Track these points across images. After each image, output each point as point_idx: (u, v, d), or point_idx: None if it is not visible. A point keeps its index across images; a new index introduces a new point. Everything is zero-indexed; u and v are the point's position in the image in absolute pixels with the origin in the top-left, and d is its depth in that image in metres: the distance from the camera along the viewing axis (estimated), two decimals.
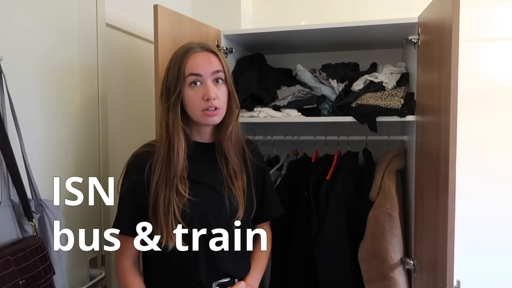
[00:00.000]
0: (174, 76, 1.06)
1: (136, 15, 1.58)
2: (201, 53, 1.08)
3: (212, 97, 1.04)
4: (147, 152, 1.09)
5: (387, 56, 1.79)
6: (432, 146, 1.21)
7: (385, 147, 1.65)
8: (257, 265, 1.24)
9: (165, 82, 1.09)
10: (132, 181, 1.07)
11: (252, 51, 1.84)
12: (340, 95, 1.57)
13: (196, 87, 1.06)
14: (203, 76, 1.06)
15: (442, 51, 1.12)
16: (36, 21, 1.11)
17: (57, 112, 1.19)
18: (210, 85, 1.06)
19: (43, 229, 1.02)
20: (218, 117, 1.08)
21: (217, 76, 1.08)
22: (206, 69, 1.06)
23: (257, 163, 1.24)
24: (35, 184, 1.03)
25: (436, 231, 1.15)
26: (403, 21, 1.41)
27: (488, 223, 1.85)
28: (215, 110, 1.06)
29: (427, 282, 1.27)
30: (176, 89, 1.05)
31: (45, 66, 1.14)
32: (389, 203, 1.39)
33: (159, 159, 1.06)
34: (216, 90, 1.07)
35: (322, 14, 2.00)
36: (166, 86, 1.08)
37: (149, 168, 1.06)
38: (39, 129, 1.13)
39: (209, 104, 1.05)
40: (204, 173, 1.13)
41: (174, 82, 1.06)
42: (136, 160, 1.09)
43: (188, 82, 1.05)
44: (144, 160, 1.07)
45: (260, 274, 1.25)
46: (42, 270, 0.94)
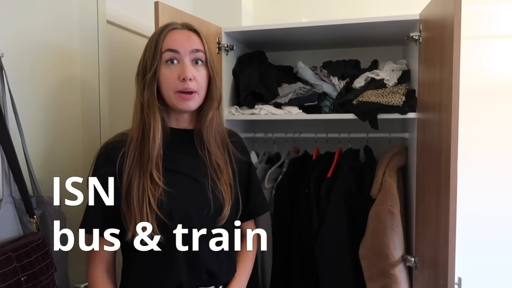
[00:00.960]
0: (151, 53, 0.97)
1: (137, 12, 1.58)
2: (181, 30, 1.00)
3: (188, 77, 0.95)
4: (119, 142, 0.99)
5: (388, 53, 1.79)
6: (433, 144, 1.21)
7: (386, 144, 1.65)
8: (242, 268, 1.14)
9: (142, 61, 1.01)
10: (102, 173, 0.96)
11: (253, 48, 1.84)
12: (341, 92, 1.57)
13: (172, 65, 0.97)
14: (180, 54, 0.97)
15: (443, 48, 1.11)
16: (37, 17, 1.11)
17: (58, 109, 1.19)
18: (188, 64, 0.97)
19: (44, 225, 1.03)
20: (193, 102, 0.99)
21: (196, 56, 0.99)
22: (185, 46, 0.98)
23: (240, 156, 1.13)
24: (37, 181, 1.03)
25: (437, 228, 1.15)
26: (405, 18, 1.41)
27: (489, 220, 1.85)
28: (191, 94, 0.97)
29: (428, 279, 1.27)
30: (152, 66, 0.96)
31: (46, 63, 1.15)
32: (390, 200, 1.39)
33: (132, 143, 0.97)
34: (194, 71, 0.98)
35: (323, 11, 2.00)
36: (143, 65, 1.00)
37: (121, 159, 0.96)
38: (41, 126, 1.13)
39: (185, 86, 0.96)
40: (183, 163, 1.04)
41: (150, 59, 0.97)
42: (107, 150, 0.99)
43: (165, 59, 0.97)
44: (116, 150, 0.97)
45: (246, 277, 1.15)
46: (44, 266, 0.94)
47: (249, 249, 1.19)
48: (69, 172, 1.23)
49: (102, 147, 1.01)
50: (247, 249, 1.19)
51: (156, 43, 0.97)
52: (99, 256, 0.99)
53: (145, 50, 1.01)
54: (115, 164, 0.96)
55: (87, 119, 1.31)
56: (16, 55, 1.04)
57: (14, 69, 1.02)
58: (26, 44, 1.08)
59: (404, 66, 1.60)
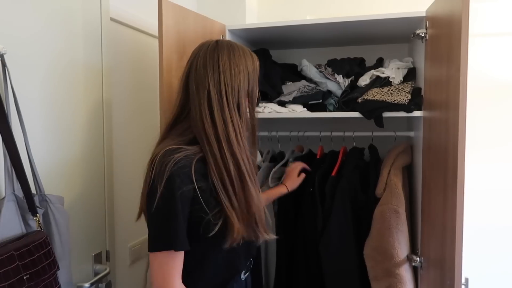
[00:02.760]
0: (255, 79, 1.07)
1: (141, 10, 1.57)
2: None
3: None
4: (187, 157, 0.96)
5: (394, 51, 1.77)
6: (440, 142, 1.20)
7: (391, 143, 1.64)
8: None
9: (242, 83, 1.04)
10: (182, 192, 0.93)
11: (257, 46, 1.82)
12: (346, 90, 1.55)
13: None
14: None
15: (451, 45, 1.10)
16: (40, 15, 1.10)
17: (61, 107, 1.18)
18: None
19: (47, 224, 1.02)
20: None
21: None
22: None
23: None
24: (39, 179, 1.03)
25: (444, 228, 1.14)
26: (411, 15, 1.39)
27: (498, 221, 1.82)
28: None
29: (434, 279, 1.25)
30: (254, 92, 1.08)
31: (49, 60, 1.14)
32: (395, 200, 1.37)
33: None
34: None
35: (328, 9, 1.98)
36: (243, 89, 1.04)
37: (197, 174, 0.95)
38: (43, 124, 1.12)
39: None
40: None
41: (255, 86, 1.08)
42: (179, 168, 0.93)
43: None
44: (187, 168, 0.94)
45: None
46: (47, 265, 0.93)
47: None
48: (72, 170, 1.22)
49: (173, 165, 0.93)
50: None
51: (254, 72, 1.07)
52: (179, 268, 0.96)
53: (249, 76, 1.05)
54: (192, 181, 0.94)
55: (90, 117, 1.30)
56: (18, 52, 1.03)
57: (16, 67, 1.02)
58: (29, 42, 1.07)
59: (409, 64, 1.58)
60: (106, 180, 1.37)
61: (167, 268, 0.93)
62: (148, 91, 1.63)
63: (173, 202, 0.91)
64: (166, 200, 0.91)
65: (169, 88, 1.28)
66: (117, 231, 1.44)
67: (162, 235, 0.92)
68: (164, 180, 0.91)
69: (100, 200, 1.35)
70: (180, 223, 0.92)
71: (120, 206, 1.46)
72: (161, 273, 0.93)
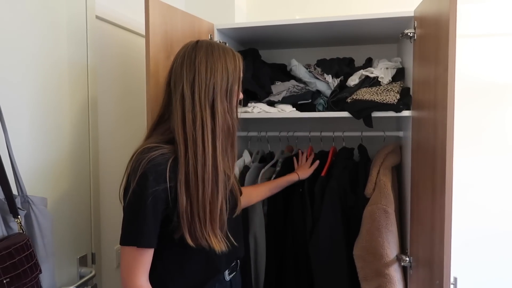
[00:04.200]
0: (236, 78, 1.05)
1: (127, 7, 1.55)
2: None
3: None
4: (163, 154, 0.97)
5: (382, 51, 1.78)
6: (428, 142, 1.20)
7: (380, 143, 1.64)
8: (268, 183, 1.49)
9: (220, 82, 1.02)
10: (155, 190, 0.94)
11: (246, 46, 1.81)
12: (335, 90, 1.55)
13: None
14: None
15: (438, 45, 1.10)
16: (23, 12, 1.07)
17: (45, 106, 1.16)
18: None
19: (29, 226, 0.99)
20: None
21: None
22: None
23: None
24: (21, 180, 1.00)
25: (433, 227, 1.14)
26: (399, 15, 1.39)
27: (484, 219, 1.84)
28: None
29: (423, 279, 1.25)
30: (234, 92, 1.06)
31: (33, 59, 1.11)
32: (384, 199, 1.37)
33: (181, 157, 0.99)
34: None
35: (317, 9, 1.98)
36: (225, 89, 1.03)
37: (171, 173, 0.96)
38: (27, 123, 1.10)
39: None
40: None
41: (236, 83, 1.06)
42: (153, 166, 0.95)
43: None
44: (163, 165, 0.96)
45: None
46: (28, 268, 0.91)
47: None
48: (57, 171, 1.20)
49: (147, 162, 0.95)
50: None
51: (239, 70, 1.05)
52: (146, 265, 0.98)
53: (228, 73, 1.03)
54: (165, 180, 0.95)
55: (75, 117, 1.28)
56: (0, 51, 1.01)
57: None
58: (11, 40, 1.04)
59: (398, 64, 1.59)
60: (92, 181, 1.35)
61: (133, 263, 0.96)
62: (134, 90, 1.60)
63: (143, 199, 0.92)
64: (137, 197, 0.93)
65: (156, 87, 1.26)
66: (103, 233, 1.42)
67: (130, 230, 0.95)
68: (137, 176, 0.93)
69: (85, 201, 1.32)
70: (148, 221, 0.94)
71: (106, 208, 1.43)
72: (127, 267, 0.97)
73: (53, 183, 1.18)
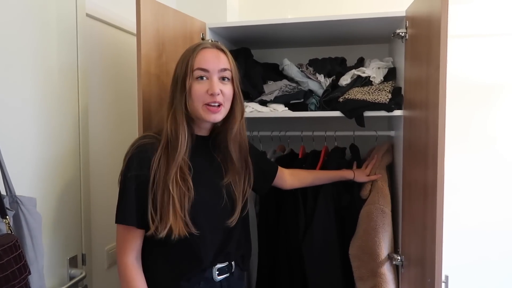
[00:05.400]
0: (182, 70, 1.07)
1: (118, 5, 1.53)
2: (211, 49, 1.10)
3: (216, 92, 1.05)
4: (152, 144, 1.06)
5: (374, 51, 1.78)
6: (420, 141, 1.20)
7: (372, 142, 1.64)
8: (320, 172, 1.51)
9: (173, 76, 1.10)
10: (137, 175, 1.03)
11: (238, 45, 1.81)
12: (327, 89, 1.55)
13: (202, 81, 1.07)
14: (210, 72, 1.07)
15: (430, 45, 1.11)
16: (11, 9, 1.06)
17: (35, 105, 1.14)
18: (216, 80, 1.07)
19: (18, 226, 0.98)
20: (219, 115, 1.09)
21: (223, 75, 1.09)
22: (214, 65, 1.07)
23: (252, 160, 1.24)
24: (10, 180, 0.98)
25: (424, 226, 1.14)
26: (391, 14, 1.40)
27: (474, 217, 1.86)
28: (218, 106, 1.07)
29: (415, 277, 1.26)
30: (184, 82, 1.06)
31: (21, 57, 1.09)
32: (382, 199, 1.38)
33: (163, 150, 1.05)
34: (221, 86, 1.07)
35: (309, 9, 1.98)
36: (174, 79, 1.10)
37: (154, 162, 1.04)
38: (16, 123, 1.08)
39: (213, 99, 1.05)
40: (201, 165, 1.13)
41: (182, 75, 1.07)
42: (139, 152, 1.05)
43: (195, 76, 1.06)
44: (149, 152, 1.04)
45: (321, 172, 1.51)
46: (17, 269, 0.89)
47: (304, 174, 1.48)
48: (46, 171, 1.18)
49: (134, 148, 1.06)
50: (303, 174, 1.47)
51: (188, 61, 1.07)
52: (133, 244, 1.06)
53: (177, 66, 1.11)
54: (148, 167, 1.03)
55: (65, 116, 1.26)
56: None
57: None
58: (0, 38, 1.02)
59: (390, 63, 1.59)
60: (82, 180, 1.33)
61: (121, 240, 1.06)
62: (126, 89, 1.59)
63: (125, 181, 1.03)
64: (123, 179, 1.04)
65: (147, 86, 1.25)
66: (93, 233, 1.40)
67: (117, 209, 1.04)
68: (126, 160, 1.05)
69: (75, 201, 1.31)
70: (129, 201, 1.02)
71: (96, 208, 1.42)
72: (117, 244, 1.07)
73: (42, 183, 1.16)
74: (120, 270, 1.06)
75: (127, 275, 1.05)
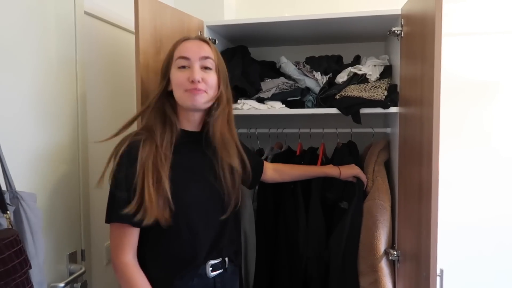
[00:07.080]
0: (166, 61, 1.12)
1: (116, 3, 1.54)
2: (193, 40, 1.13)
3: (197, 79, 1.06)
4: (139, 140, 1.07)
5: (371, 49, 1.80)
6: (415, 138, 1.22)
7: (368, 139, 1.66)
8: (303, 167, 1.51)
9: (160, 69, 1.15)
10: (128, 171, 1.03)
11: (236, 43, 1.82)
12: (324, 87, 1.57)
13: (184, 69, 1.09)
14: (191, 60, 1.08)
15: (425, 43, 1.12)
16: (9, 7, 1.06)
17: (34, 101, 1.15)
18: (197, 68, 1.08)
19: (18, 221, 0.99)
20: (200, 97, 1.08)
21: (205, 63, 1.10)
22: (195, 54, 1.09)
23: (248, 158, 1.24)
24: (10, 175, 0.99)
25: (419, 221, 1.16)
26: (386, 12, 1.42)
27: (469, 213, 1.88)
28: (199, 90, 1.07)
29: (410, 272, 1.28)
30: (166, 72, 1.10)
31: (20, 55, 1.10)
32: (382, 195, 1.40)
33: (146, 141, 1.06)
34: (203, 74, 1.08)
35: (306, 7, 2.00)
36: (161, 72, 1.14)
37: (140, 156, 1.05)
38: (16, 118, 1.09)
39: (194, 86, 1.06)
40: (191, 161, 1.13)
41: (165, 66, 1.11)
42: (130, 149, 1.05)
43: (177, 65, 1.09)
44: (138, 149, 1.05)
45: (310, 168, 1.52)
46: (18, 264, 0.90)
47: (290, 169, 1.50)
48: (46, 166, 1.19)
49: (126, 145, 1.06)
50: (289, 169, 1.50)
51: (170, 52, 1.11)
52: (129, 243, 1.05)
53: (164, 60, 1.15)
54: (136, 161, 1.03)
55: (64, 112, 1.27)
56: None
57: None
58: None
59: (386, 61, 1.61)
60: (81, 176, 1.34)
61: (114, 239, 1.05)
62: (124, 86, 1.60)
63: (114, 179, 1.03)
64: (113, 176, 1.04)
65: (145, 83, 1.26)
66: (93, 229, 1.41)
67: (108, 208, 1.04)
68: (117, 158, 1.05)
69: (75, 197, 1.32)
70: (118, 199, 1.01)
71: (96, 204, 1.43)
72: (111, 243, 1.06)
73: (42, 179, 1.17)
74: (119, 270, 1.04)
75: (127, 274, 1.03)
